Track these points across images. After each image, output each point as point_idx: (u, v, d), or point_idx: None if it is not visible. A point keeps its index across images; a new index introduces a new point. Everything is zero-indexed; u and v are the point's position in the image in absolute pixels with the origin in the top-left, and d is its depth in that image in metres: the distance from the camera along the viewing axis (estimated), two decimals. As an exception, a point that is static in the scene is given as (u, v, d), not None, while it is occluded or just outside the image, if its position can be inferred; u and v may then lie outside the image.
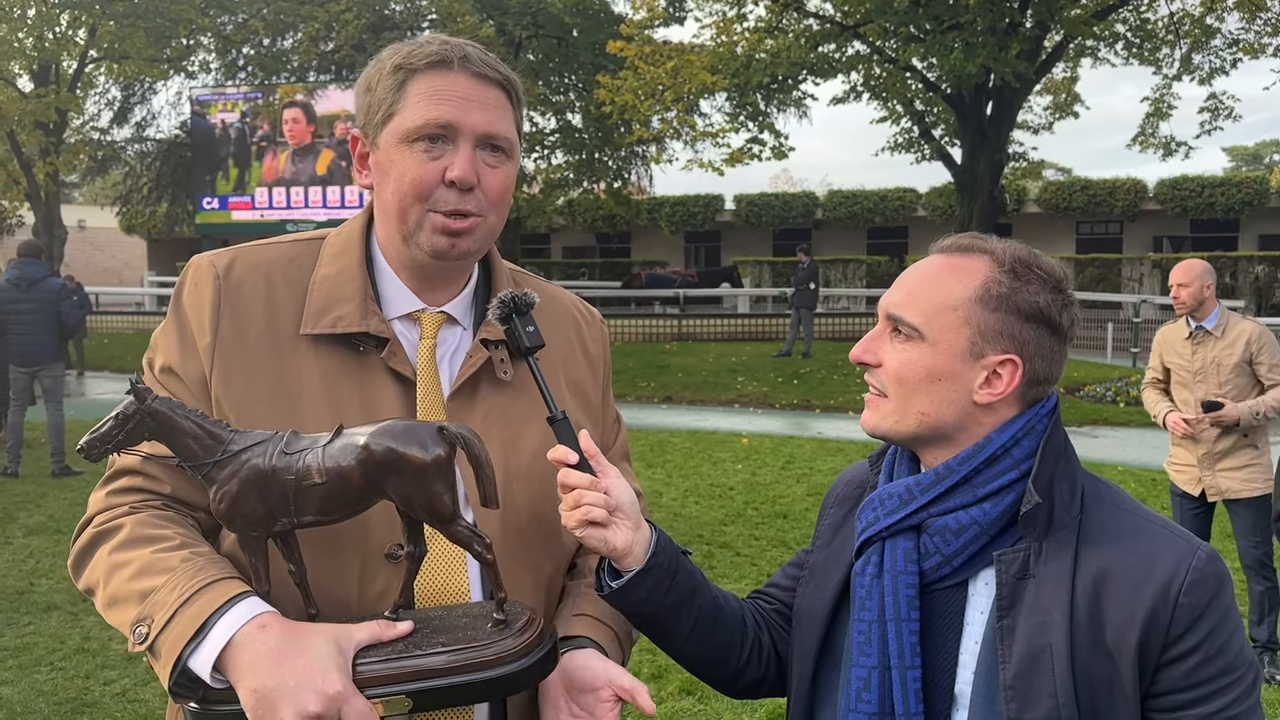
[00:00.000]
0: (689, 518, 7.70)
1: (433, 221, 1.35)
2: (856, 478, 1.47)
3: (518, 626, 1.25)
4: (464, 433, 1.22)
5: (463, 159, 1.33)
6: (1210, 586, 1.17)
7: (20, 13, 21.78)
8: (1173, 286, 4.95)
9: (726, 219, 35.06)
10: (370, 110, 1.38)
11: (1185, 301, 4.88)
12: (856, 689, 1.25)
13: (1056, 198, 31.43)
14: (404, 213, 1.35)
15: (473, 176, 1.33)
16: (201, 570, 1.22)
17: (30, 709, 4.34)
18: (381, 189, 1.38)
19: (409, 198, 1.34)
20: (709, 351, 19.43)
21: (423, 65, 1.34)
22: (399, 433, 1.19)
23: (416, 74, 1.35)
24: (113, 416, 1.22)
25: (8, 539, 7.06)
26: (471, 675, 1.21)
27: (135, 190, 29.56)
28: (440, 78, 1.34)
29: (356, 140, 1.42)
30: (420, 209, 1.34)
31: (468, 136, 1.34)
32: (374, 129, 1.37)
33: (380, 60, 1.39)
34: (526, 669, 1.24)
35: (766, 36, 18.56)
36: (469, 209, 1.35)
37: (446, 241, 1.36)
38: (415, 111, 1.33)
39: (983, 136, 18.37)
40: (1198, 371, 4.88)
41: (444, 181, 1.33)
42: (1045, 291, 1.25)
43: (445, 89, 1.34)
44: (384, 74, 1.36)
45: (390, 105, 1.35)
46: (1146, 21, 19.35)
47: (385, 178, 1.37)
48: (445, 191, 1.34)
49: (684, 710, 4.35)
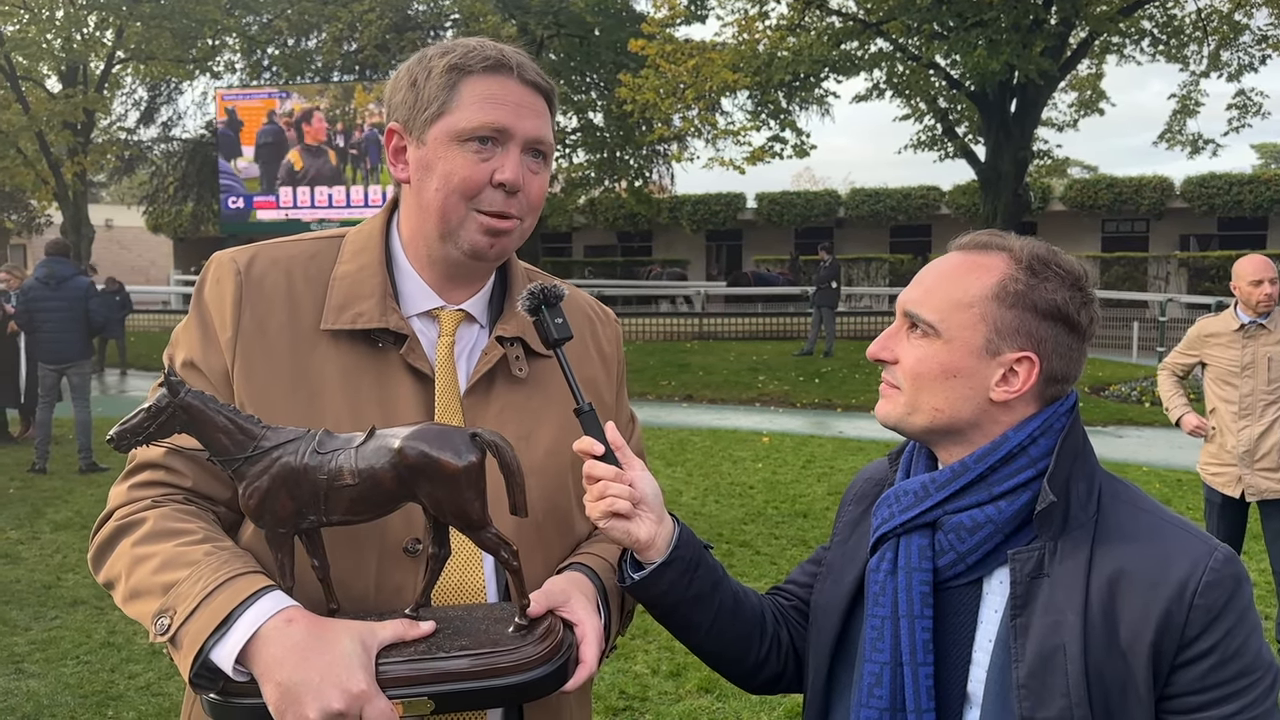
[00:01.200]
0: (709, 516, 7.70)
1: (477, 221, 1.37)
2: (875, 475, 1.47)
3: (539, 632, 1.26)
4: (497, 439, 1.22)
5: (513, 162, 1.36)
6: (1227, 588, 1.16)
7: (49, 14, 22.05)
8: (1259, 282, 4.70)
9: (748, 217, 34.98)
10: (417, 106, 1.38)
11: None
12: (868, 685, 1.25)
13: (1082, 196, 31.17)
14: (447, 210, 1.37)
15: (521, 179, 1.37)
16: (226, 564, 1.23)
17: (56, 701, 4.40)
18: (424, 184, 1.39)
19: (455, 195, 1.36)
20: (730, 350, 19.40)
21: (479, 68, 1.37)
22: (433, 437, 1.19)
23: (471, 76, 1.37)
24: (144, 409, 1.21)
25: (35, 534, 7.15)
26: (493, 680, 1.21)
27: (161, 189, 29.88)
28: (495, 82, 1.37)
29: (393, 133, 1.43)
30: (465, 208, 1.37)
31: (518, 141, 1.37)
32: (421, 125, 1.38)
33: (426, 57, 1.41)
34: (547, 676, 1.24)
35: (789, 34, 18.49)
36: (512, 211, 1.38)
37: (487, 241, 1.38)
38: (470, 113, 1.35)
39: (1007, 134, 18.25)
40: (1246, 366, 4.75)
41: (492, 183, 1.36)
42: (1063, 289, 1.24)
43: (499, 94, 1.36)
44: (435, 72, 1.38)
45: (442, 104, 1.36)
46: (1174, 18, 19.15)
47: (429, 174, 1.38)
48: (492, 192, 1.36)
49: (702, 708, 4.35)
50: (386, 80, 1.51)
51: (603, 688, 4.53)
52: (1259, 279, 4.74)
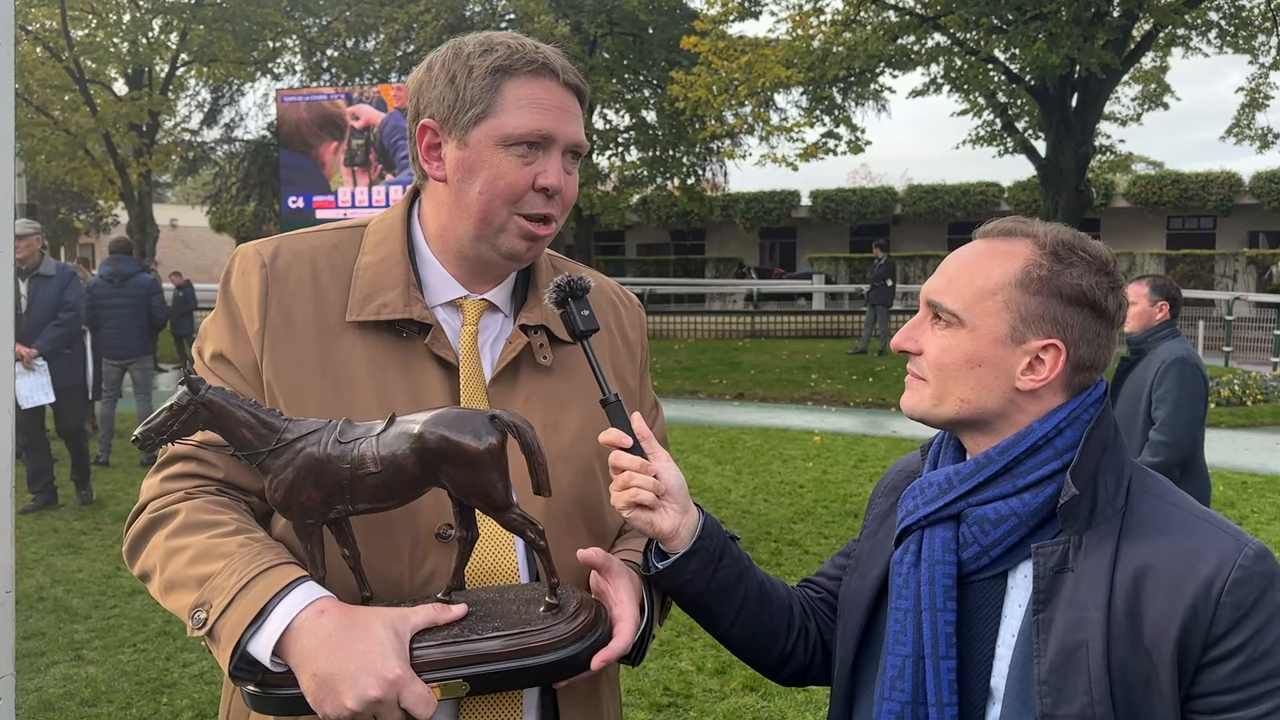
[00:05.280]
0: (757, 515, 7.65)
1: (518, 225, 1.38)
2: (908, 467, 1.46)
3: (570, 610, 1.26)
4: (516, 421, 1.22)
5: (555, 167, 1.37)
6: (1257, 585, 1.12)
7: (116, 19, 22.64)
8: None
9: (802, 215, 34.77)
10: (456, 105, 1.37)
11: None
12: (891, 678, 1.23)
13: (1146, 192, 30.47)
14: (490, 213, 1.37)
15: (563, 184, 1.38)
16: (259, 555, 1.24)
17: (114, 688, 4.50)
18: (464, 186, 1.38)
19: (499, 200, 1.36)
20: (782, 348, 19.28)
21: (523, 71, 1.36)
22: (452, 421, 1.20)
23: (515, 78, 1.36)
24: (167, 407, 1.23)
25: (98, 525, 7.34)
26: (527, 660, 1.22)
27: (224, 189, 30.48)
28: (539, 86, 1.37)
29: (427, 129, 1.40)
30: (507, 212, 1.37)
31: (560, 145, 1.38)
32: (463, 126, 1.36)
33: (462, 53, 1.38)
34: (580, 653, 1.25)
35: (843, 29, 18.34)
36: (553, 213, 1.39)
37: (524, 245, 1.39)
38: (517, 117, 1.35)
39: (1068, 129, 17.90)
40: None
41: (535, 187, 1.36)
42: (1090, 274, 1.21)
43: (543, 98, 1.36)
44: (476, 72, 1.36)
45: (486, 106, 1.35)
46: (1241, 8, 18.62)
47: (472, 176, 1.37)
48: (534, 196, 1.37)
49: (747, 706, 4.33)
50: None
51: (647, 684, 4.52)
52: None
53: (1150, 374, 4.43)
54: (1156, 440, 4.30)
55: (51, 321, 7.46)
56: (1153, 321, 4.58)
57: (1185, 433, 4.32)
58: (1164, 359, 4.40)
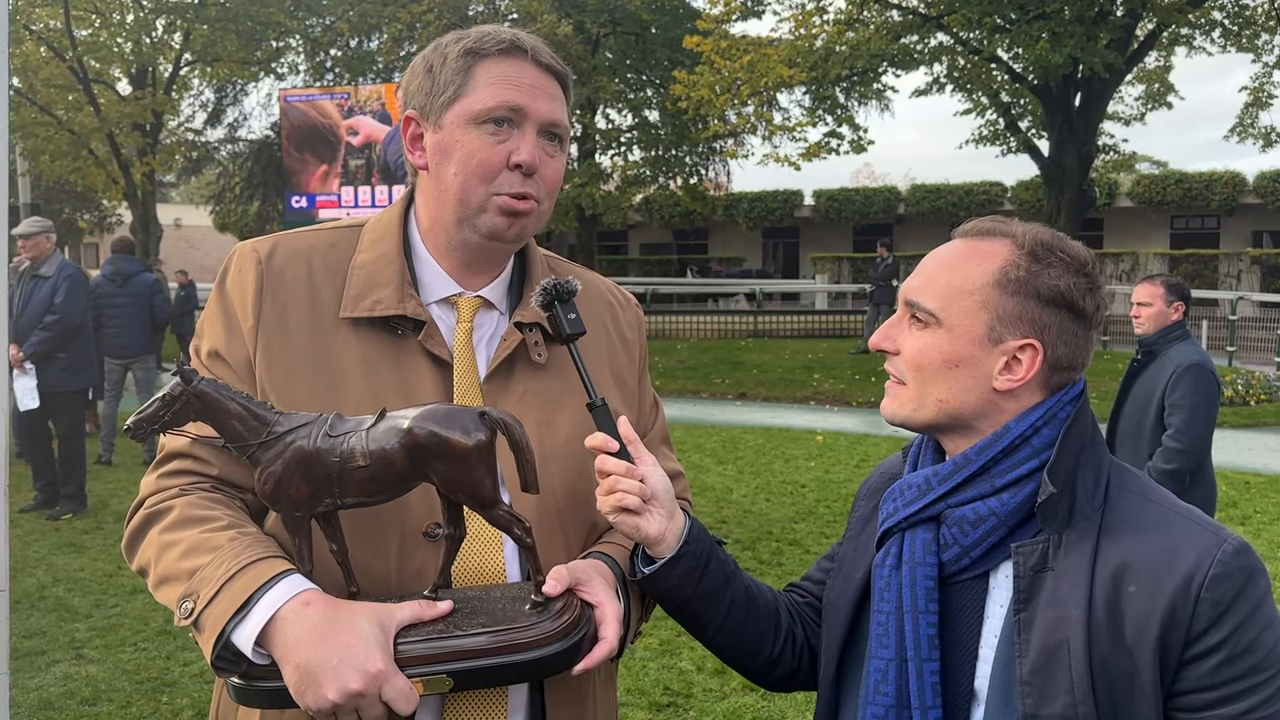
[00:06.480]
0: (759, 514, 7.65)
1: (496, 203, 1.38)
2: (890, 469, 1.46)
3: (556, 609, 1.26)
4: (505, 418, 1.23)
5: (529, 143, 1.37)
6: (1237, 581, 1.12)
7: (120, 18, 22.67)
8: None
9: (805, 214, 34.72)
10: (432, 92, 1.40)
11: None
12: (874, 681, 1.23)
13: (1149, 191, 30.36)
14: (466, 193, 1.38)
15: (537, 161, 1.37)
16: (247, 549, 1.25)
17: (114, 686, 4.51)
18: (441, 169, 1.40)
19: (474, 178, 1.37)
20: (785, 348, 19.27)
21: (493, 51, 1.38)
22: (442, 417, 1.20)
23: (486, 59, 1.38)
24: (159, 398, 1.24)
25: (99, 524, 7.36)
26: (511, 656, 1.23)
27: (228, 189, 30.51)
28: (509, 64, 1.38)
29: (410, 120, 1.44)
30: (484, 190, 1.37)
31: (533, 123, 1.38)
32: (437, 110, 1.39)
33: (441, 45, 1.42)
34: (565, 651, 1.25)
35: (846, 29, 18.32)
36: (531, 192, 1.38)
37: (505, 222, 1.39)
38: (485, 94, 1.36)
39: (1071, 128, 17.86)
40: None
41: (509, 165, 1.36)
42: (1067, 275, 1.21)
43: (514, 76, 1.37)
44: (450, 58, 1.39)
45: (458, 87, 1.37)
46: (1245, 8, 18.56)
47: (447, 158, 1.39)
48: (509, 175, 1.37)
49: (747, 706, 4.33)
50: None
51: (647, 683, 4.52)
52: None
53: (1163, 377, 4.37)
54: (1172, 447, 4.26)
55: (38, 325, 7.34)
56: (1168, 322, 4.55)
57: (1200, 440, 4.28)
58: (1178, 363, 4.35)
